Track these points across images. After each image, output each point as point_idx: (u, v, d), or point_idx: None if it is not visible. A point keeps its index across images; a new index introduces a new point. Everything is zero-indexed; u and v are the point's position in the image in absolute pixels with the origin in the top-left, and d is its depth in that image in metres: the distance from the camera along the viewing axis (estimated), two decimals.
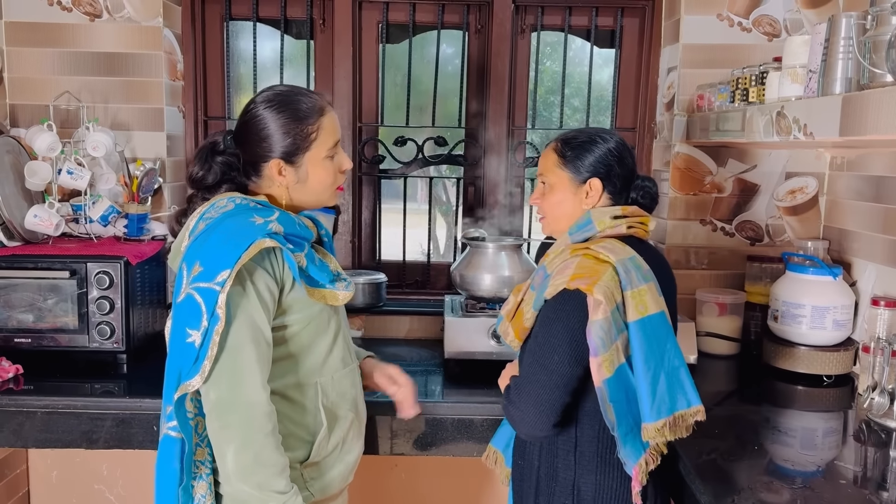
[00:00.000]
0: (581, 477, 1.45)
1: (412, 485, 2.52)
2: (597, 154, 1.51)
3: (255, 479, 1.34)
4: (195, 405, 1.39)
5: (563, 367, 1.39)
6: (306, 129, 1.46)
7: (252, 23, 2.59)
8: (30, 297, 2.03)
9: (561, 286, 1.40)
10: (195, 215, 1.46)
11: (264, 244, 1.35)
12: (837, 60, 1.44)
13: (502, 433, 1.71)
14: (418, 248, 2.79)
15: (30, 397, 1.85)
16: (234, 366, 1.34)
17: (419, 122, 2.65)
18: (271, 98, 1.48)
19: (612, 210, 1.50)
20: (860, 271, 2.12)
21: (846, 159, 2.24)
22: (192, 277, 1.34)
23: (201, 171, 1.49)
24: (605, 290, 1.36)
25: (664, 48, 2.48)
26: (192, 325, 1.33)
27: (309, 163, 1.48)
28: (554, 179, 1.54)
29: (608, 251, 1.41)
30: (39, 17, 2.33)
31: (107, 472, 2.53)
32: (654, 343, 1.40)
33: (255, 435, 1.34)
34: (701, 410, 1.43)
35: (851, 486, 1.45)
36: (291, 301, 1.44)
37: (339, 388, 1.53)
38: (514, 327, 1.53)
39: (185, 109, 2.56)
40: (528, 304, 1.49)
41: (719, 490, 1.40)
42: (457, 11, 2.59)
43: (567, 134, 1.57)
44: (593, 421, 1.44)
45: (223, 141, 1.50)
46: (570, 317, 1.39)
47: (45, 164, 2.15)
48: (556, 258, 1.49)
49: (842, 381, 2.03)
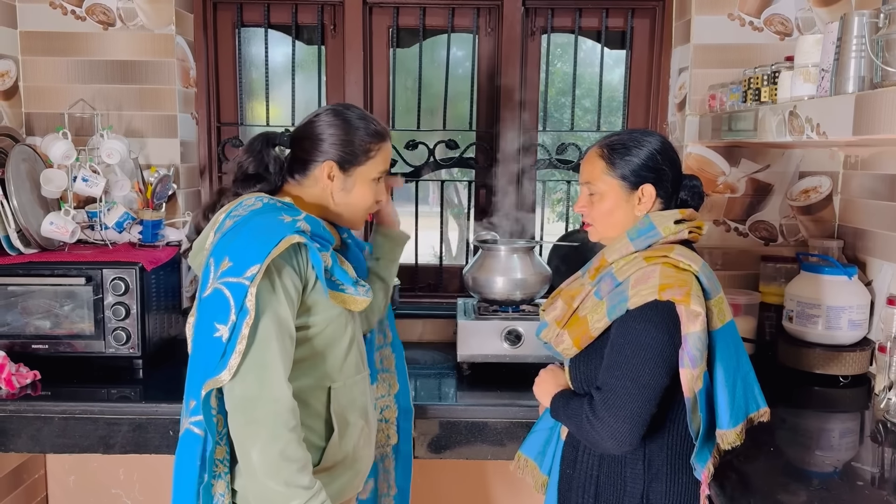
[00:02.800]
0: (650, 486, 1.44)
1: (427, 487, 2.52)
2: (645, 158, 1.47)
3: (281, 476, 1.34)
4: (218, 402, 1.39)
5: (656, 379, 1.36)
6: (367, 145, 1.51)
7: (263, 29, 2.60)
8: (46, 304, 2.05)
9: (649, 296, 1.36)
10: (222, 212, 1.47)
11: (294, 240, 1.37)
12: (850, 59, 1.43)
13: (534, 440, 1.69)
14: (430, 250, 2.79)
15: (47, 403, 1.87)
16: (261, 361, 1.34)
17: (430, 126, 2.66)
18: (346, 109, 1.54)
19: (672, 214, 1.47)
20: (875, 270, 2.10)
21: (860, 158, 2.23)
22: (221, 272, 1.34)
23: (250, 158, 1.52)
24: (699, 301, 1.35)
25: (675, 49, 2.48)
26: (220, 319, 1.33)
27: (358, 177, 1.52)
28: (603, 187, 1.49)
29: (688, 259, 1.39)
30: (54, 27, 2.36)
31: (123, 477, 2.55)
32: (731, 350, 1.43)
33: (282, 430, 1.34)
34: (767, 412, 1.49)
35: (869, 487, 1.45)
36: (312, 302, 1.45)
37: (351, 394, 1.53)
38: (573, 335, 1.48)
39: (198, 116, 2.58)
40: (594, 313, 1.44)
41: (735, 492, 1.40)
42: (467, 15, 2.59)
43: (610, 138, 1.52)
44: (662, 430, 1.43)
45: (280, 136, 1.55)
46: (661, 328, 1.35)
47: (60, 171, 2.17)
48: (628, 266, 1.43)
49: (858, 381, 2.02)
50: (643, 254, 1.44)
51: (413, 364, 2.19)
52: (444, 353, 2.32)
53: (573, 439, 1.53)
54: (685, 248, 1.45)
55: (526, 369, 2.07)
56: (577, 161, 2.62)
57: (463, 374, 2.11)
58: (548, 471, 1.65)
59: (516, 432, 1.85)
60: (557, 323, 1.53)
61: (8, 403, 1.86)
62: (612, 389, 1.37)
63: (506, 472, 2.42)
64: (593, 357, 1.46)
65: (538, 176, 2.67)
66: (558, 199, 3.05)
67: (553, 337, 1.53)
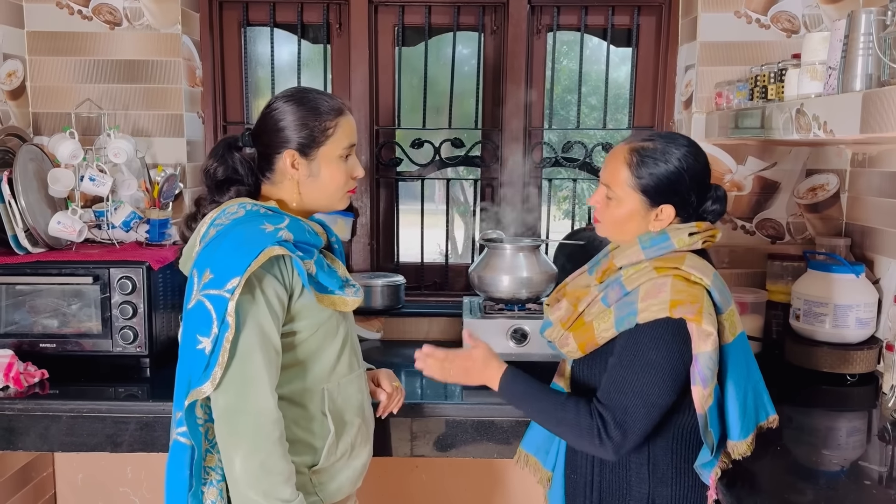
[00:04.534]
0: (655, 489, 1.44)
1: (433, 486, 2.52)
2: (672, 177, 1.41)
3: (261, 487, 1.34)
4: (205, 411, 1.40)
5: (663, 398, 1.35)
6: (324, 124, 1.47)
7: (269, 28, 2.61)
8: (54, 303, 2.06)
9: (660, 313, 1.33)
10: (206, 221, 1.46)
11: (274, 252, 1.35)
12: (857, 57, 1.43)
13: (534, 435, 1.68)
14: (436, 249, 2.79)
15: (55, 401, 1.88)
16: (243, 373, 1.35)
17: (436, 125, 2.66)
18: (293, 94, 1.50)
19: (688, 227, 1.44)
20: (883, 268, 2.10)
21: (867, 155, 2.22)
22: (203, 284, 1.34)
23: (215, 164, 1.50)
24: (711, 319, 1.33)
25: (681, 46, 2.47)
26: (202, 331, 1.33)
27: (322, 158, 1.48)
28: (623, 196, 1.44)
29: (699, 272, 1.37)
30: (60, 27, 2.37)
31: (131, 475, 2.56)
32: (742, 362, 1.42)
33: (263, 442, 1.35)
34: (776, 419, 1.48)
35: (876, 486, 1.44)
36: (300, 307, 1.44)
37: (346, 393, 1.53)
38: (578, 339, 1.46)
39: (204, 115, 2.58)
40: (602, 320, 1.42)
41: (742, 491, 1.39)
42: (472, 13, 2.59)
43: (642, 143, 1.44)
44: (666, 433, 1.43)
45: (241, 137, 1.52)
46: (671, 347, 1.34)
47: (67, 171, 2.17)
48: (637, 275, 1.41)
49: (865, 379, 2.01)
50: (654, 263, 1.41)
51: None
52: None
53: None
54: (697, 257, 1.42)
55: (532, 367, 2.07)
56: (583, 159, 2.61)
57: None
58: (552, 466, 1.64)
59: (522, 431, 1.85)
60: (562, 324, 1.51)
61: (16, 402, 1.87)
62: (624, 410, 1.35)
63: (511, 470, 2.42)
64: (597, 362, 1.45)
65: (544, 174, 2.67)
66: (564, 197, 3.05)
67: (558, 338, 1.53)
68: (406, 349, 2.33)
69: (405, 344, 2.41)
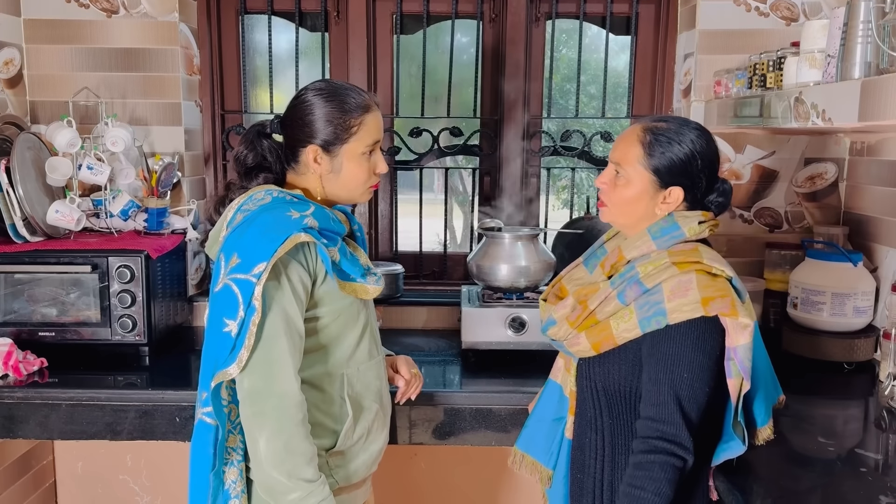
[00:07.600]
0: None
1: (432, 473, 2.54)
2: (685, 159, 1.39)
3: (285, 467, 1.37)
4: (230, 393, 1.43)
5: (703, 396, 1.32)
6: (349, 122, 1.48)
7: (267, 16, 2.60)
8: (53, 292, 2.06)
9: (695, 313, 1.31)
10: (233, 206, 1.48)
11: (300, 238, 1.38)
12: (856, 45, 1.42)
13: (530, 435, 1.65)
14: (435, 238, 2.79)
15: (54, 390, 1.88)
16: (268, 356, 1.37)
17: (434, 113, 2.65)
18: (322, 87, 1.51)
19: (696, 215, 1.42)
20: (881, 257, 2.10)
21: (866, 144, 2.22)
22: (230, 268, 1.37)
23: (245, 151, 1.53)
24: (746, 310, 1.33)
25: (680, 34, 2.46)
26: (228, 314, 1.35)
27: (345, 155, 1.49)
28: (633, 175, 1.41)
29: (720, 264, 1.36)
30: (57, 15, 2.36)
31: (131, 463, 2.57)
32: (759, 349, 1.43)
33: (287, 423, 1.37)
34: (784, 399, 1.55)
35: (872, 473, 1.45)
36: (323, 294, 1.46)
37: (365, 379, 1.55)
38: (592, 339, 1.41)
39: (202, 103, 2.58)
40: (621, 319, 1.38)
41: (738, 478, 1.40)
42: (471, 1, 2.58)
43: (657, 123, 1.42)
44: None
45: (270, 124, 1.54)
46: (713, 346, 1.32)
47: (65, 159, 2.17)
48: (657, 272, 1.36)
49: (863, 368, 2.02)
50: (672, 259, 1.37)
51: (417, 351, 2.21)
52: (448, 341, 2.33)
53: (580, 441, 1.49)
54: (709, 248, 1.42)
55: (530, 356, 2.08)
56: (582, 148, 2.61)
57: (468, 361, 2.11)
58: (553, 465, 1.61)
59: (521, 419, 1.85)
60: (570, 323, 1.45)
61: (16, 390, 1.87)
62: (680, 423, 1.30)
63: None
64: (611, 361, 1.41)
65: (543, 163, 2.66)
66: (563, 187, 3.04)
67: (565, 337, 1.47)
68: (405, 338, 2.35)
69: (404, 332, 2.42)
